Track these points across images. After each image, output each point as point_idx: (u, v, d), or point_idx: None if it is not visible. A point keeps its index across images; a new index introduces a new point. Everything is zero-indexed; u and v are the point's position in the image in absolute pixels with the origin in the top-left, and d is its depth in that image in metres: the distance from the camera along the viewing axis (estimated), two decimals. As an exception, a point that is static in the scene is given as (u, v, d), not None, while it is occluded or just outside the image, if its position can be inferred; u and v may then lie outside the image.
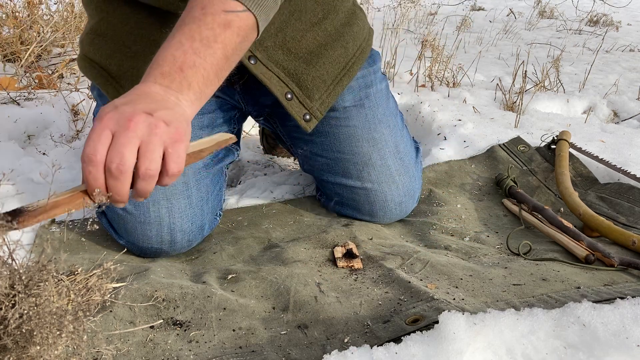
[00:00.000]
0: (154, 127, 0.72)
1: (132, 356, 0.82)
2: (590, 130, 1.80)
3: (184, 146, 0.76)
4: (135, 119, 0.71)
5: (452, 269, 1.04)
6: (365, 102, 1.22)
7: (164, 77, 0.79)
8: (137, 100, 0.75)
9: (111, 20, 1.10)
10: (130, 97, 0.76)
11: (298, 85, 1.13)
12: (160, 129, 0.72)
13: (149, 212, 1.07)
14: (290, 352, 0.84)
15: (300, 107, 1.14)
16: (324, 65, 1.15)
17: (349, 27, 1.19)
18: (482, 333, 0.78)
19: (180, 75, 0.79)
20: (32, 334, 0.59)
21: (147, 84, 0.78)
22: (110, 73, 1.11)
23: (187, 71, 0.79)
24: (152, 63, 0.81)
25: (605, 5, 5.29)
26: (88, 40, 1.13)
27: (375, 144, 1.21)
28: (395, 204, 1.22)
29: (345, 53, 1.18)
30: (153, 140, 0.72)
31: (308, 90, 1.14)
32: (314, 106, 1.15)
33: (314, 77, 1.14)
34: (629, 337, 0.77)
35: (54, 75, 1.99)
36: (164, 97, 0.77)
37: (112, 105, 0.74)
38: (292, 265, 1.06)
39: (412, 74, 2.42)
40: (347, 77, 1.18)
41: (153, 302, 0.93)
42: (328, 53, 1.15)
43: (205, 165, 1.14)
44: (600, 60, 3.15)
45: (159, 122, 0.73)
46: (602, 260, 1.09)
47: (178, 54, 0.80)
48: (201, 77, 0.81)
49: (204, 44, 0.81)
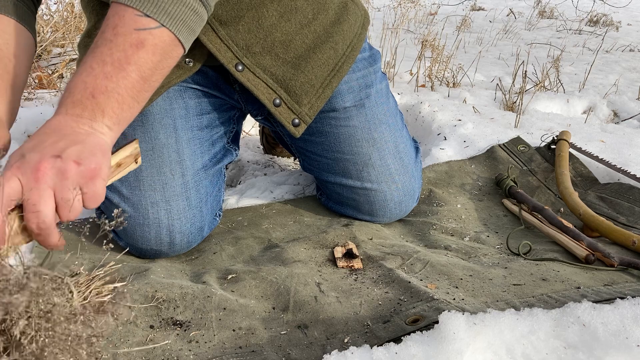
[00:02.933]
0: (63, 171, 0.70)
1: (132, 356, 0.82)
2: (590, 130, 1.80)
3: (100, 181, 0.74)
4: (42, 167, 0.69)
5: (452, 269, 1.04)
6: (366, 102, 1.21)
7: (75, 105, 0.76)
8: (44, 142, 0.72)
9: None
10: (38, 139, 0.73)
11: (286, 91, 1.12)
12: (70, 171, 0.70)
13: (147, 214, 1.07)
14: (290, 352, 0.84)
15: (288, 112, 1.13)
16: (313, 70, 1.13)
17: (339, 25, 1.17)
18: (482, 333, 0.78)
19: (92, 102, 0.76)
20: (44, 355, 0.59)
21: (57, 117, 0.76)
22: None
23: (99, 97, 0.76)
24: (65, 91, 0.78)
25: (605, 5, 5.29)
26: (85, 43, 1.13)
27: (375, 144, 1.21)
28: (395, 204, 1.22)
29: (334, 54, 1.16)
30: (65, 186, 0.70)
31: (296, 96, 1.12)
32: (303, 111, 1.13)
33: (302, 82, 1.12)
34: (629, 337, 0.77)
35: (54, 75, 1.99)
36: (75, 129, 0.74)
37: (18, 154, 0.71)
38: (292, 265, 1.06)
39: (412, 74, 2.42)
40: (337, 78, 1.17)
41: (153, 302, 0.93)
42: (317, 56, 1.14)
43: (203, 166, 1.14)
44: (600, 60, 3.16)
45: (68, 164, 0.70)
46: (602, 260, 1.09)
47: (89, 80, 0.77)
48: (115, 102, 0.78)
49: (116, 67, 0.78)
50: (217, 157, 1.19)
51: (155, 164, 1.08)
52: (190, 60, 1.08)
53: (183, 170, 1.10)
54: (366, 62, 1.24)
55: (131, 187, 1.08)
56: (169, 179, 1.08)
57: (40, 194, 0.68)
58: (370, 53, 1.27)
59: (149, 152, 1.09)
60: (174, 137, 1.11)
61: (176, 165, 1.10)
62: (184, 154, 1.11)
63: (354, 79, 1.21)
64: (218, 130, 1.20)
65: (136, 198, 1.07)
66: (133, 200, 1.07)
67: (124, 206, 1.07)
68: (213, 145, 1.18)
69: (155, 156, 1.09)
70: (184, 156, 1.11)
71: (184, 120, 1.13)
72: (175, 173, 1.09)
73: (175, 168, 1.09)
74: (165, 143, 1.10)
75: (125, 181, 1.08)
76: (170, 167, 1.09)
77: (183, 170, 1.10)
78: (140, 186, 1.07)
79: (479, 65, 2.75)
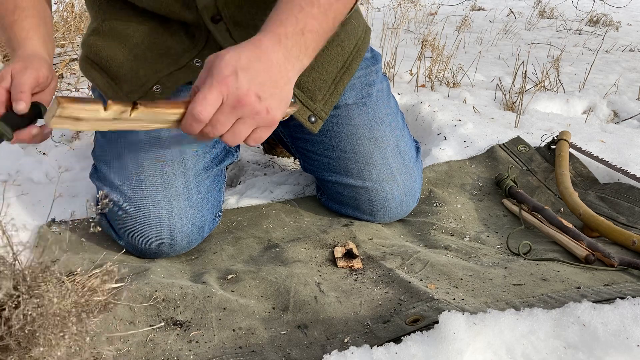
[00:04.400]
0: (256, 113, 0.79)
1: (132, 356, 0.82)
2: (590, 130, 1.80)
3: (270, 131, 0.83)
4: (245, 100, 0.77)
5: (452, 269, 1.04)
6: (367, 100, 1.22)
7: (287, 37, 0.81)
8: (257, 71, 0.78)
9: (113, 23, 1.11)
10: (252, 61, 0.78)
11: (300, 88, 1.13)
12: (260, 116, 0.79)
13: (149, 213, 1.07)
14: (290, 352, 0.84)
15: (304, 109, 1.14)
16: (323, 66, 1.15)
17: (343, 26, 1.19)
18: (482, 333, 0.78)
19: (301, 39, 0.81)
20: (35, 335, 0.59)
21: (273, 41, 0.81)
22: (109, 74, 1.12)
23: (308, 35, 0.82)
24: (273, 19, 0.83)
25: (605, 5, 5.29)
26: (90, 41, 1.14)
27: (377, 142, 1.21)
28: (396, 203, 1.23)
29: (342, 52, 1.18)
30: (248, 124, 0.80)
31: (310, 92, 1.14)
32: (318, 107, 1.15)
33: (314, 78, 1.14)
34: (629, 337, 0.77)
35: (54, 75, 1.98)
36: (281, 70, 0.80)
37: (232, 68, 0.77)
38: (292, 265, 1.06)
39: (412, 74, 2.42)
40: (347, 75, 1.19)
41: (153, 302, 0.93)
42: (325, 53, 1.16)
43: (205, 167, 1.15)
44: (600, 60, 3.16)
45: (262, 109, 0.79)
46: (602, 260, 1.09)
47: (300, 17, 0.82)
48: (316, 44, 0.83)
49: (322, 12, 0.83)
50: (218, 158, 1.19)
51: (157, 163, 1.09)
52: (198, 60, 1.09)
53: (185, 170, 1.10)
54: (368, 61, 1.26)
55: (133, 187, 1.08)
56: (171, 179, 1.09)
57: (229, 119, 0.78)
58: (372, 54, 1.29)
59: (152, 152, 1.09)
60: (176, 136, 1.11)
61: (178, 165, 1.10)
62: (186, 154, 1.11)
63: (356, 77, 1.22)
64: None
65: (138, 197, 1.07)
66: (134, 199, 1.07)
67: (125, 205, 1.07)
68: (215, 145, 1.18)
69: (158, 155, 1.09)
70: (186, 156, 1.11)
71: None
72: (177, 173, 1.10)
73: (177, 168, 1.10)
74: (168, 143, 1.10)
75: (127, 180, 1.08)
76: (172, 166, 1.09)
77: (185, 170, 1.10)
78: (142, 185, 1.08)
79: (479, 65, 2.75)
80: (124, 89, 1.10)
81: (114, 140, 1.12)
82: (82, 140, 1.60)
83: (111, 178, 1.10)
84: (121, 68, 1.10)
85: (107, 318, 0.88)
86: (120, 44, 1.10)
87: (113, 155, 1.11)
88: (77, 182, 1.35)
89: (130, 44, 1.09)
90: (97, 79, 1.13)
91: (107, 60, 1.11)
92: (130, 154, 1.10)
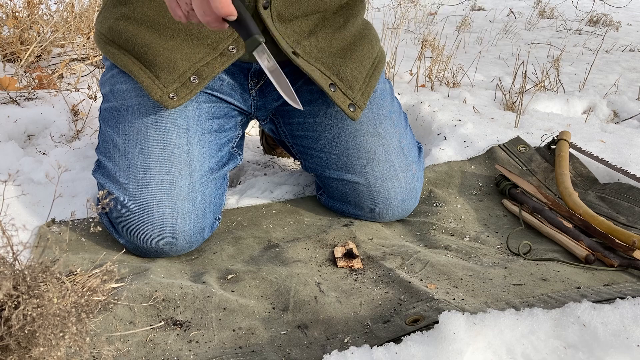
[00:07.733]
0: None
1: (132, 356, 0.82)
2: (590, 130, 1.80)
3: None
4: None
5: (452, 269, 1.04)
6: (371, 97, 1.23)
7: None
8: None
9: (145, 10, 1.11)
10: None
11: (339, 78, 1.17)
12: None
13: (152, 212, 1.07)
14: (290, 352, 0.84)
15: (344, 97, 1.17)
16: (357, 59, 1.19)
17: (368, 30, 1.26)
18: (482, 333, 0.78)
19: None
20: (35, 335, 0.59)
21: None
22: (144, 62, 1.11)
23: None
24: None
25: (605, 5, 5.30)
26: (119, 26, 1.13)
27: (380, 139, 1.22)
28: (397, 202, 1.23)
29: (372, 50, 1.23)
30: None
31: (348, 82, 1.18)
32: (356, 96, 1.19)
33: (351, 68, 1.18)
34: (629, 337, 0.77)
35: (54, 75, 1.99)
36: None
37: None
38: (292, 265, 1.06)
39: (412, 74, 2.42)
40: (377, 72, 1.23)
41: (153, 302, 0.93)
42: (358, 49, 1.20)
43: (210, 169, 1.15)
44: (600, 60, 3.16)
45: None
46: (602, 260, 1.09)
47: None
48: None
49: None
50: (222, 161, 1.20)
51: (164, 162, 1.09)
52: (234, 47, 1.10)
53: (191, 171, 1.11)
54: None
55: (138, 185, 1.08)
56: (177, 179, 1.09)
57: None
58: None
59: (160, 150, 1.10)
60: (185, 138, 1.12)
61: (185, 166, 1.11)
62: (193, 155, 1.12)
63: None
64: (226, 135, 1.22)
65: (142, 195, 1.08)
66: (139, 197, 1.08)
67: (128, 203, 1.08)
68: (220, 149, 1.19)
69: (166, 155, 1.10)
70: (193, 157, 1.12)
71: (197, 123, 1.15)
72: (184, 173, 1.10)
73: (183, 168, 1.10)
74: (177, 143, 1.11)
75: (132, 178, 1.08)
76: (179, 167, 1.10)
77: (191, 171, 1.11)
78: (148, 184, 1.08)
79: (479, 65, 2.75)
80: (162, 79, 1.09)
81: (121, 137, 1.12)
82: (82, 140, 1.60)
83: (116, 175, 1.10)
84: (158, 57, 1.09)
85: (107, 318, 0.88)
86: (155, 32, 1.10)
87: (120, 152, 1.11)
88: (77, 182, 1.35)
89: (166, 34, 1.10)
90: (129, 66, 1.12)
91: (142, 47, 1.10)
92: (138, 152, 1.10)
